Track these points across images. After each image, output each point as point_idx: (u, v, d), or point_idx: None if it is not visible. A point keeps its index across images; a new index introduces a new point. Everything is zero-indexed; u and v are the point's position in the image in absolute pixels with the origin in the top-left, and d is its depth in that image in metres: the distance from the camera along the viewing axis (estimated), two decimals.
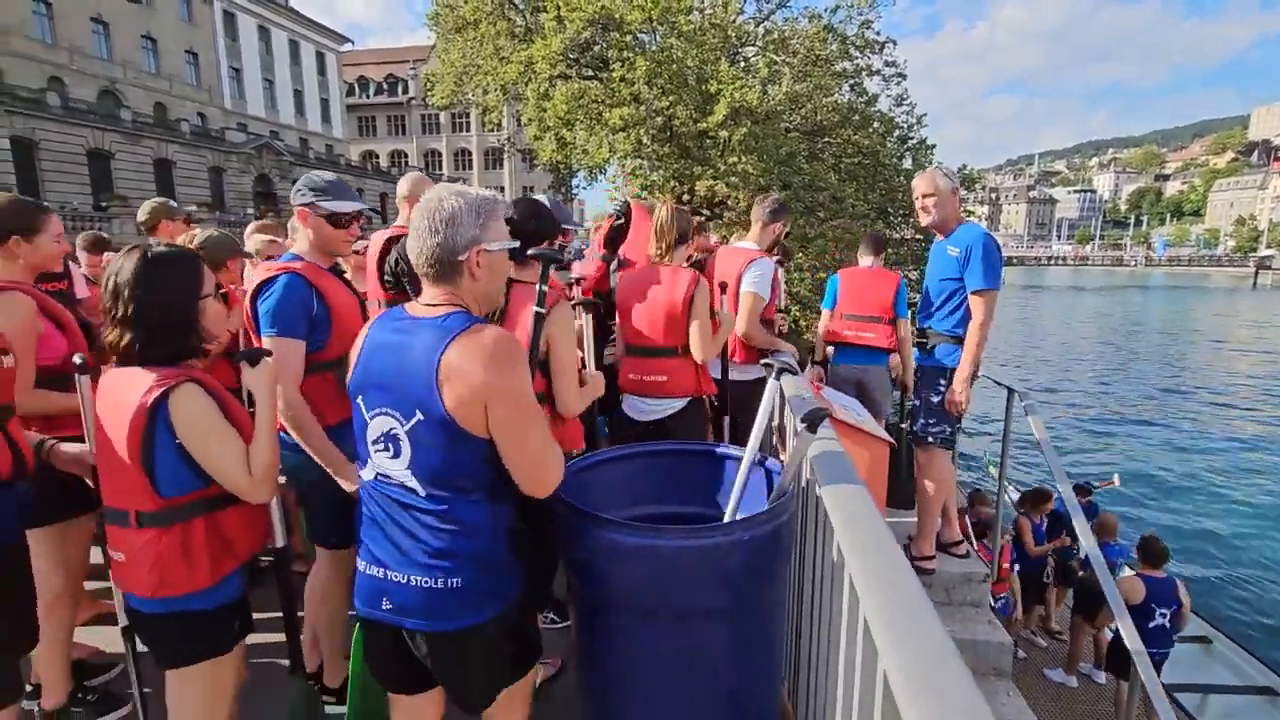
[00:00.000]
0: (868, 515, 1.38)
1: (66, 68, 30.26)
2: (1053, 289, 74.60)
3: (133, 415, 1.46)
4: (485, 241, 1.41)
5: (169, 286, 1.54)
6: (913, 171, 15.87)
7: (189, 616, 1.56)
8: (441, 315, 1.39)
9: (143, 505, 1.51)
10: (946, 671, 0.89)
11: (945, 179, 3.03)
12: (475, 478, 1.39)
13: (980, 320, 2.96)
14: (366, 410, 1.44)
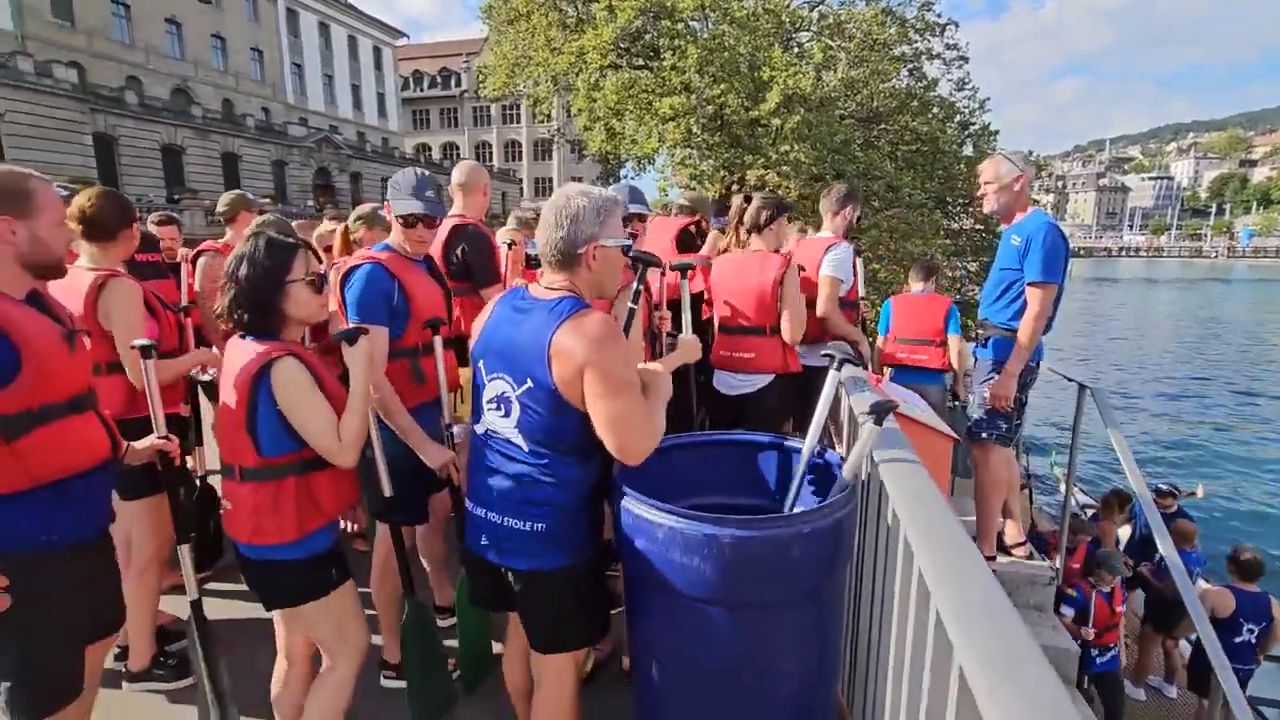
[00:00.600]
0: (937, 508, 1.34)
1: (143, 67, 31.90)
2: (1124, 281, 70.68)
3: (242, 381, 1.65)
4: (602, 238, 1.60)
5: (259, 269, 1.70)
6: (974, 159, 15.27)
7: (283, 564, 1.74)
8: (556, 299, 1.61)
9: (245, 461, 1.69)
10: (1030, 668, 0.86)
11: (1009, 165, 2.90)
12: (570, 441, 1.61)
13: (1034, 313, 2.83)
14: (485, 373, 1.69)
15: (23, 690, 1.53)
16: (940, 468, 2.68)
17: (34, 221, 1.53)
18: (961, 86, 16.01)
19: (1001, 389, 2.94)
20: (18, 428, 1.47)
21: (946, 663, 1.04)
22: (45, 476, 1.52)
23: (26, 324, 1.50)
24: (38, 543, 1.52)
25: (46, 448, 1.52)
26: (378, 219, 3.78)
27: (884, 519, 1.63)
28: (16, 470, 1.48)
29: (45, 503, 1.54)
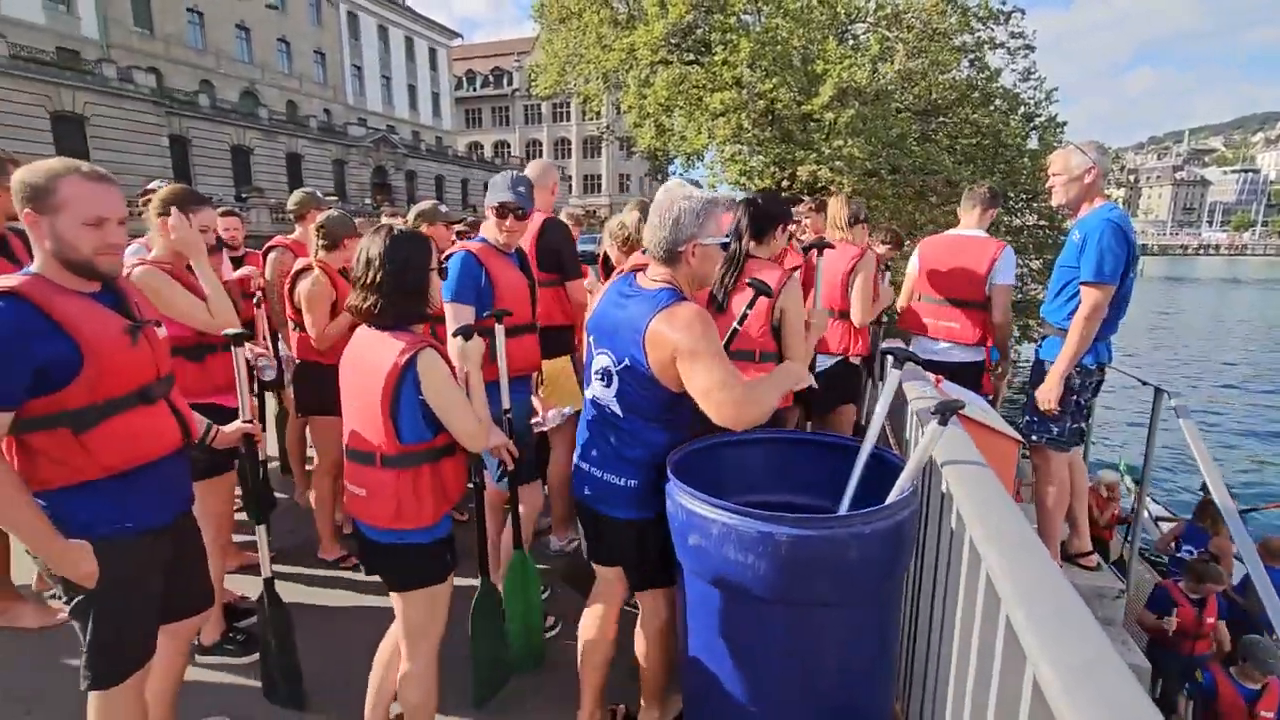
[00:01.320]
0: (1007, 511, 1.29)
1: (215, 71, 33.50)
2: (1202, 281, 66.41)
3: (387, 372, 1.71)
4: (701, 237, 1.79)
5: (406, 260, 1.77)
6: (1039, 152, 14.64)
7: (414, 548, 1.84)
8: (657, 290, 1.81)
9: (386, 449, 1.76)
10: (1114, 680, 0.82)
11: (1080, 157, 2.75)
12: (657, 411, 1.85)
13: (1084, 314, 2.68)
14: (594, 348, 1.93)
15: (96, 659, 1.63)
16: (1005, 471, 2.58)
17: (54, 219, 1.50)
18: (1027, 76, 15.34)
19: (1045, 390, 2.80)
20: (85, 421, 1.51)
21: (1018, 673, 1.00)
22: (115, 467, 1.56)
23: (86, 320, 1.51)
24: (110, 531, 1.57)
25: (115, 439, 1.55)
26: (437, 215, 3.87)
27: (947, 522, 1.58)
28: (86, 462, 1.52)
29: (116, 492, 1.58)
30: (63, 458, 1.50)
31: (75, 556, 1.52)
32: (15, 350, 1.40)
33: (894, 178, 13.11)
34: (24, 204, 1.48)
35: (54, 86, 23.39)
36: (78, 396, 1.49)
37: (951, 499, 1.52)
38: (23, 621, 2.78)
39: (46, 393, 1.46)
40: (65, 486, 1.52)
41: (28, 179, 1.49)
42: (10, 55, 22.30)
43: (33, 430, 1.47)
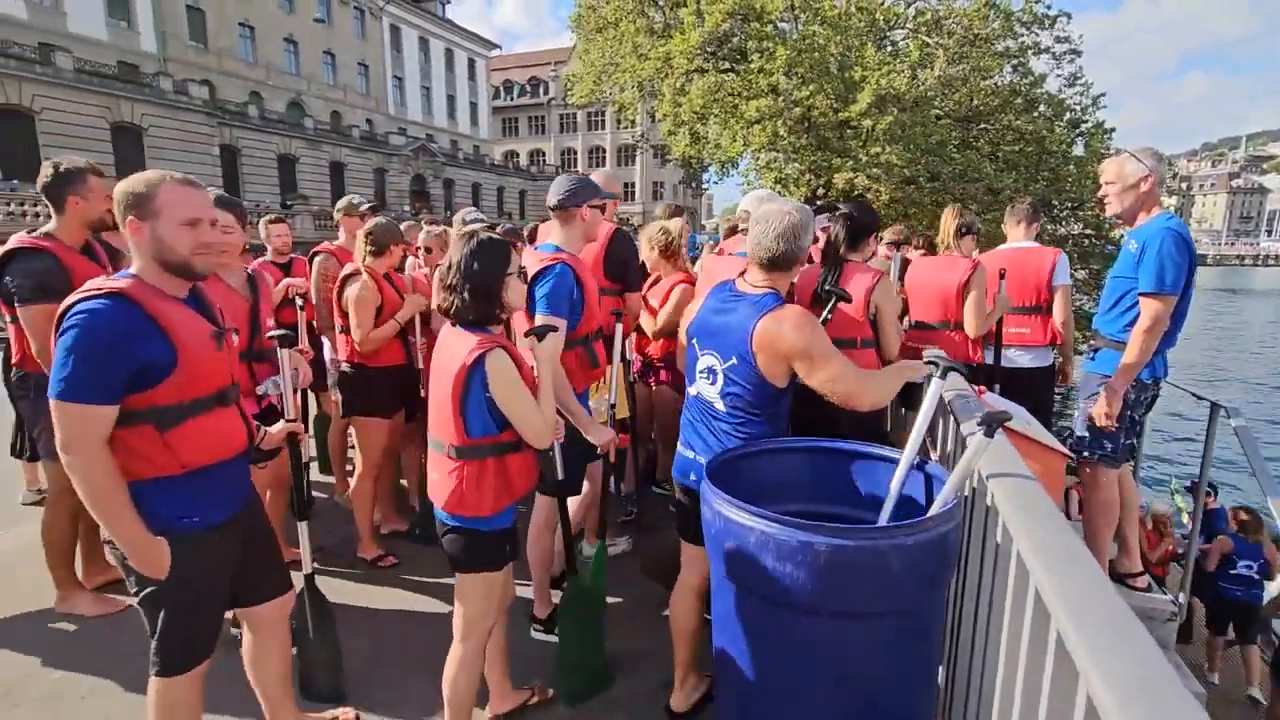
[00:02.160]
0: (1056, 525, 1.26)
1: (264, 83, 34.71)
2: (1260, 293, 63.57)
3: (457, 369, 1.82)
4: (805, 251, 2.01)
5: (481, 264, 1.87)
6: (1085, 159, 14.26)
7: (474, 534, 1.95)
8: (760, 294, 2.00)
9: (455, 440, 1.88)
10: (1171, 697, 0.79)
11: (1135, 164, 2.66)
12: (760, 406, 2.01)
13: (1144, 326, 2.58)
14: (699, 349, 2.11)
15: (164, 648, 1.71)
16: (1051, 486, 2.50)
17: (155, 223, 1.59)
18: (1073, 82, 14.98)
19: (1105, 406, 2.71)
20: (171, 419, 1.59)
21: (1069, 690, 0.98)
22: (193, 464, 1.64)
23: (181, 324, 1.61)
24: (183, 526, 1.65)
25: (195, 438, 1.64)
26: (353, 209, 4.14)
27: (992, 535, 1.54)
28: (168, 458, 1.60)
29: (192, 488, 1.66)
30: (147, 453, 1.58)
31: (154, 551, 1.60)
32: (120, 349, 1.50)
33: (932, 185, 12.91)
34: (127, 212, 1.59)
35: (114, 99, 24.51)
36: (166, 395, 1.58)
37: (997, 512, 1.49)
38: (80, 609, 2.91)
39: (140, 390, 1.54)
40: (146, 480, 1.60)
41: (129, 189, 1.59)
42: (76, 69, 23.45)
43: (122, 426, 1.55)
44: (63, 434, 1.49)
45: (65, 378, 1.47)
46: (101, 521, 1.57)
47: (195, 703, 1.81)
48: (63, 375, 1.47)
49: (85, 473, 1.51)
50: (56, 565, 2.90)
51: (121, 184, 1.61)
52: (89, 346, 1.47)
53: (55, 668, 2.57)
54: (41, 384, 2.64)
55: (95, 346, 1.48)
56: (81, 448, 1.49)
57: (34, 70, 22.26)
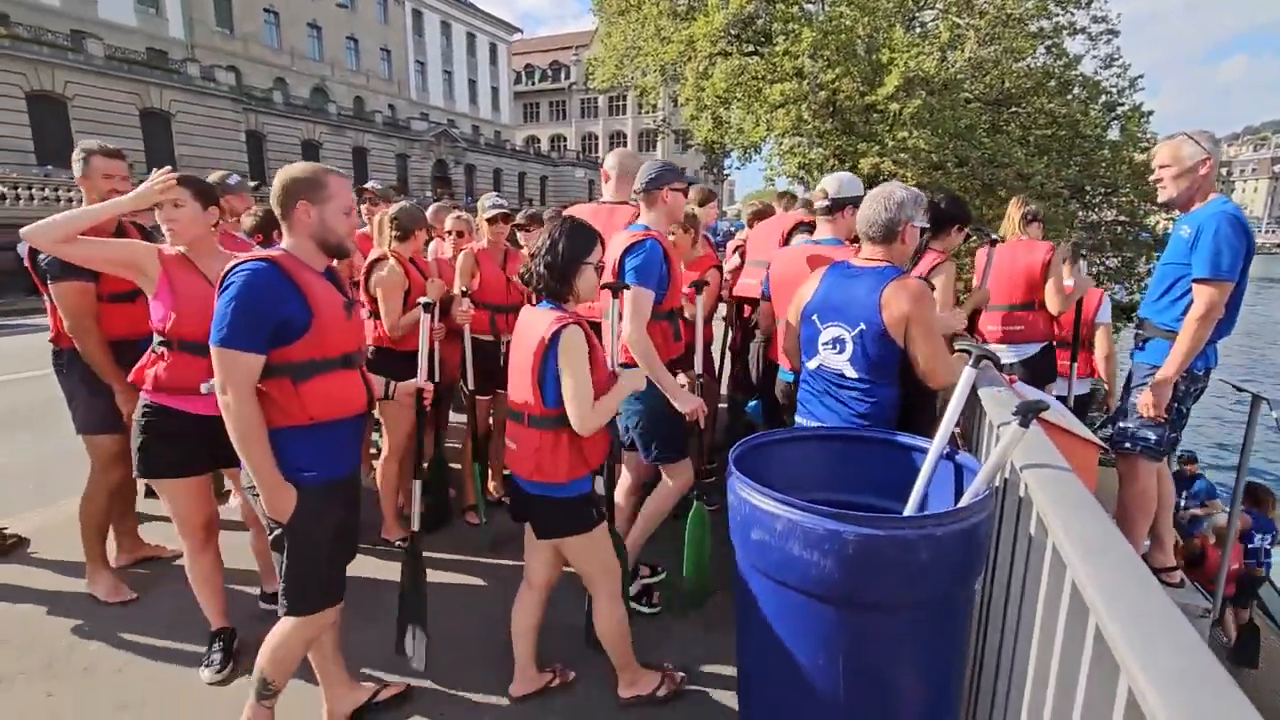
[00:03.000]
0: (1095, 517, 1.23)
1: (288, 69, 34.97)
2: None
3: (537, 342, 1.94)
4: (914, 221, 2.20)
5: (567, 245, 2.01)
6: (1120, 143, 13.84)
7: (553, 501, 2.06)
8: (879, 266, 2.19)
9: (532, 410, 2.00)
10: (1220, 692, 0.77)
11: (1193, 147, 2.54)
12: (887, 369, 2.14)
13: (1198, 313, 2.49)
14: (820, 323, 2.25)
15: (290, 588, 1.91)
16: (1085, 478, 2.45)
17: (324, 208, 1.85)
18: (1109, 63, 14.48)
19: (1155, 396, 2.63)
20: (303, 373, 1.81)
21: (1109, 685, 0.96)
22: (319, 417, 1.84)
23: (319, 292, 1.84)
24: (302, 479, 1.84)
25: (322, 393, 1.84)
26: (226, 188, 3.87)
27: (1025, 527, 1.51)
28: (300, 409, 1.81)
29: (314, 441, 1.86)
30: (283, 403, 1.80)
31: (283, 494, 1.81)
32: (268, 306, 1.74)
33: (960, 171, 12.61)
34: (299, 196, 1.83)
35: (143, 85, 24.87)
36: (301, 352, 1.80)
37: (1031, 503, 1.46)
38: (96, 590, 2.94)
39: (281, 345, 1.77)
40: (280, 429, 1.81)
41: (304, 176, 1.85)
42: (106, 56, 23.82)
43: (265, 379, 1.77)
44: (220, 376, 1.72)
45: (223, 327, 1.71)
46: (245, 459, 1.77)
47: (306, 650, 2.01)
48: (221, 325, 1.71)
49: (236, 412, 1.73)
50: (90, 542, 2.97)
51: (291, 170, 1.85)
52: (243, 301, 1.71)
53: (92, 640, 2.65)
54: (75, 359, 2.72)
55: (248, 302, 1.71)
56: (234, 389, 1.72)
57: (66, 57, 22.64)
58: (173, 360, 2.26)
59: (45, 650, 2.58)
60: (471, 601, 2.97)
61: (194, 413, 2.29)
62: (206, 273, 2.27)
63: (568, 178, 48.78)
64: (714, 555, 3.15)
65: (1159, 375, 2.62)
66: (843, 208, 2.87)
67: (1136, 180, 13.52)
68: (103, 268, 2.34)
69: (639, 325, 2.45)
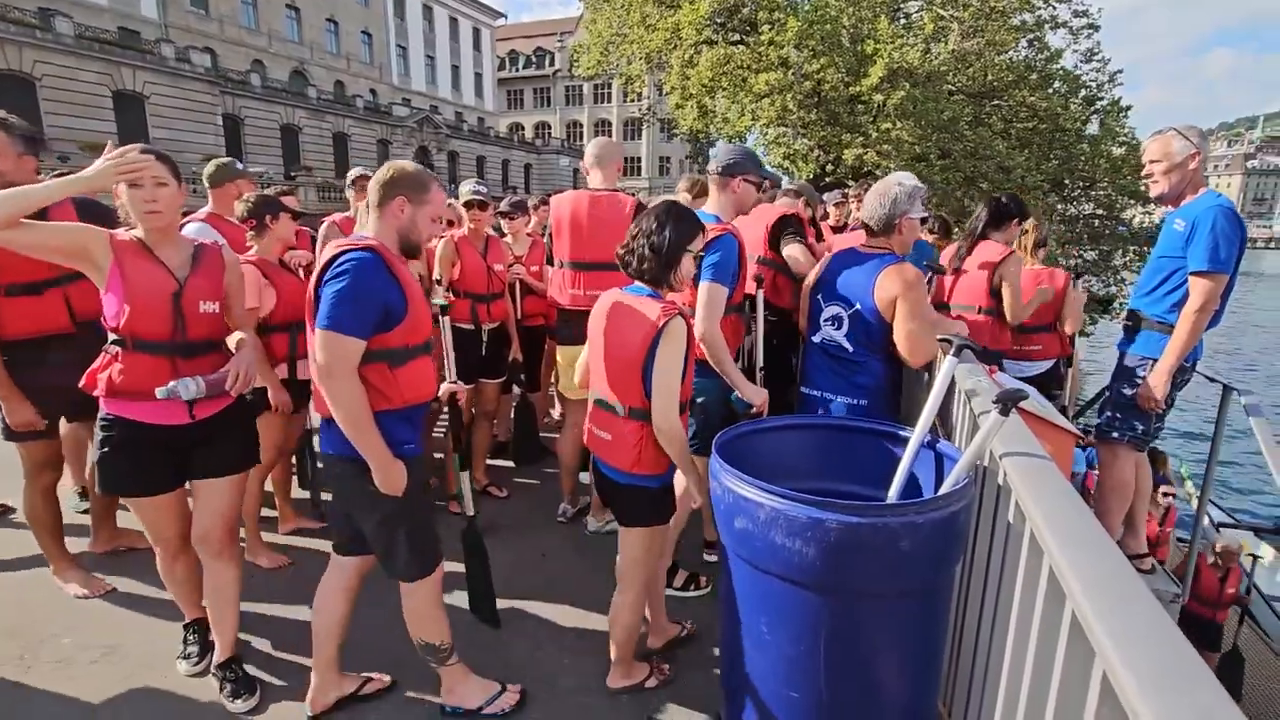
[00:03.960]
0: (1073, 505, 1.25)
1: (266, 51, 34.21)
2: (1270, 276, 62.91)
3: (645, 332, 1.94)
4: (911, 213, 2.36)
5: (673, 230, 2.00)
6: (1099, 137, 14.02)
7: (646, 491, 2.10)
8: (881, 254, 2.38)
9: (633, 402, 2.00)
10: (1192, 674, 0.79)
11: (1182, 142, 2.58)
12: (878, 344, 2.32)
13: (1196, 305, 2.53)
14: (824, 302, 2.44)
15: (410, 556, 1.99)
16: (1062, 466, 2.50)
17: (419, 209, 1.91)
18: (1090, 58, 14.65)
19: (1153, 388, 2.67)
20: (399, 359, 1.88)
21: (1084, 670, 0.97)
22: (410, 400, 1.92)
23: (410, 280, 1.90)
24: (405, 452, 1.91)
25: (412, 377, 1.91)
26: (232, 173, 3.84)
27: (1003, 514, 1.54)
28: (395, 392, 1.88)
29: (407, 420, 1.95)
30: (381, 387, 1.85)
31: (395, 469, 1.86)
32: (376, 293, 1.79)
33: (943, 163, 12.71)
34: (401, 191, 1.88)
35: (115, 66, 24.21)
36: (397, 339, 1.86)
37: (1009, 491, 1.48)
38: (68, 589, 2.86)
39: (381, 332, 1.82)
40: (379, 412, 1.85)
41: (409, 174, 1.91)
42: (76, 35, 23.14)
43: (365, 364, 1.82)
44: (325, 360, 1.75)
45: (332, 313, 1.73)
46: (357, 440, 1.81)
47: (440, 601, 2.11)
48: (331, 311, 1.73)
49: (342, 395, 1.78)
50: (45, 544, 2.87)
51: (401, 165, 1.92)
52: (354, 289, 1.74)
53: (69, 632, 2.60)
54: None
55: (359, 289, 1.75)
56: (340, 373, 1.76)
57: (34, 35, 21.95)
58: (126, 362, 1.99)
59: (19, 644, 2.53)
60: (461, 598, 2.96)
61: (150, 423, 2.05)
62: (167, 261, 2.03)
63: (552, 166, 48.40)
64: (697, 542, 3.17)
65: (1158, 366, 2.65)
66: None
67: (1114, 174, 13.72)
68: (53, 257, 1.96)
69: (713, 321, 2.42)
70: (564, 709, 2.27)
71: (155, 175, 1.96)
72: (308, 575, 2.41)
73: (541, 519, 3.63)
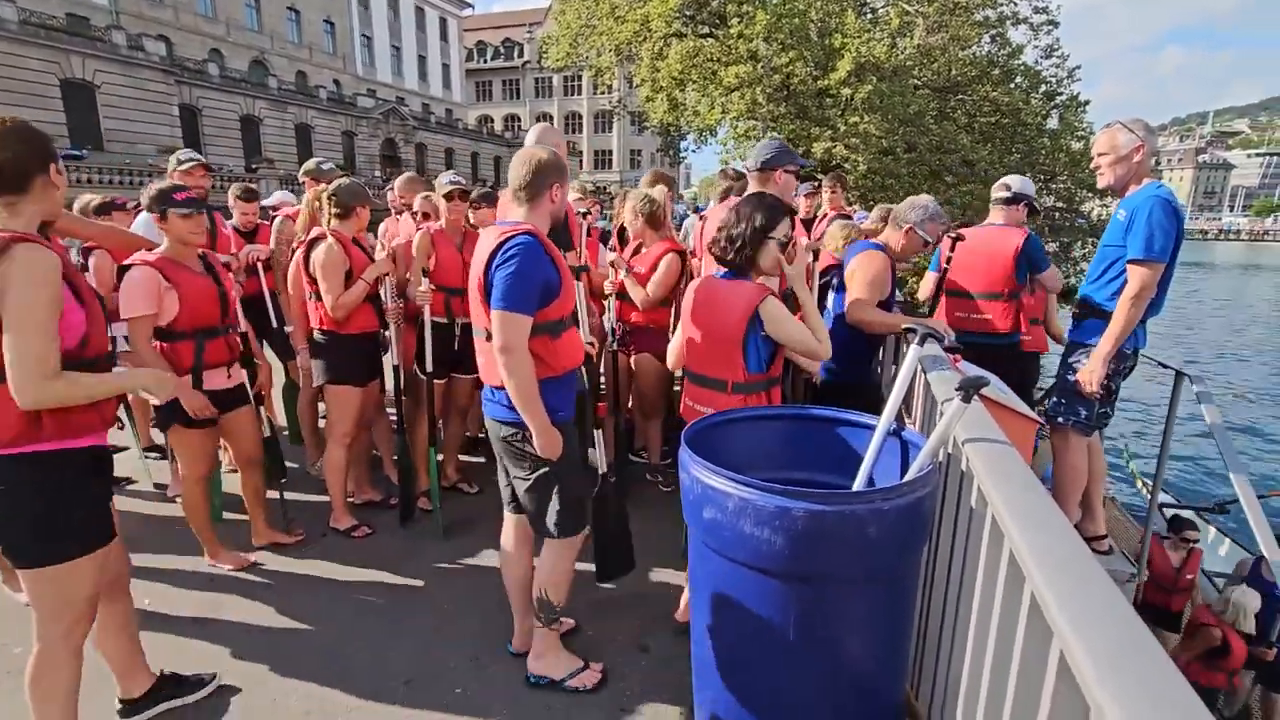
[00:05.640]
0: (1033, 489, 1.27)
1: (224, 40, 33.16)
2: (1220, 267, 65.10)
3: (741, 313, 2.16)
4: (918, 228, 2.83)
5: (751, 221, 2.19)
6: (1059, 132, 14.37)
7: None
8: (870, 241, 2.75)
9: (735, 378, 2.22)
10: (1146, 653, 0.81)
11: (1127, 135, 2.66)
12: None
13: (1132, 293, 2.61)
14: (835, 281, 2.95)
15: (564, 515, 2.15)
16: (1022, 452, 2.55)
17: (564, 191, 2.13)
18: (1050, 53, 15.00)
19: (1088, 373, 2.76)
20: (557, 330, 2.07)
21: (1043, 651, 0.99)
22: (565, 368, 2.12)
23: (560, 258, 2.08)
24: (558, 419, 2.07)
25: (567, 346, 2.12)
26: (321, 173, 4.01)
27: (965, 500, 1.56)
28: (556, 362, 2.07)
29: (561, 388, 2.13)
30: (545, 357, 2.04)
31: (554, 437, 2.05)
32: (540, 274, 1.97)
33: (909, 156, 12.91)
34: (552, 178, 2.06)
35: (64, 53, 23.24)
36: (554, 312, 2.05)
37: (972, 477, 1.51)
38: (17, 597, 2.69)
39: (542, 306, 1.99)
40: (544, 379, 2.03)
41: (556, 162, 2.08)
42: (20, 21, 22.14)
43: (532, 336, 1.98)
44: (505, 339, 1.92)
45: (506, 295, 1.91)
46: (525, 409, 1.99)
47: (573, 564, 2.28)
48: (505, 293, 1.91)
49: (518, 369, 1.95)
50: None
51: (541, 154, 2.06)
52: (524, 271, 1.92)
53: (20, 642, 2.50)
54: None
55: (529, 271, 1.92)
56: (517, 348, 1.94)
57: None
58: None
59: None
60: (432, 590, 2.92)
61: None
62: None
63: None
64: (668, 535, 3.17)
65: (1095, 352, 2.73)
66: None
67: (1073, 168, 14.08)
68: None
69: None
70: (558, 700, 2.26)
71: None
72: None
73: None
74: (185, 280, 2.65)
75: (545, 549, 2.24)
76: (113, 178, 20.10)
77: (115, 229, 3.18)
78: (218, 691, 2.26)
